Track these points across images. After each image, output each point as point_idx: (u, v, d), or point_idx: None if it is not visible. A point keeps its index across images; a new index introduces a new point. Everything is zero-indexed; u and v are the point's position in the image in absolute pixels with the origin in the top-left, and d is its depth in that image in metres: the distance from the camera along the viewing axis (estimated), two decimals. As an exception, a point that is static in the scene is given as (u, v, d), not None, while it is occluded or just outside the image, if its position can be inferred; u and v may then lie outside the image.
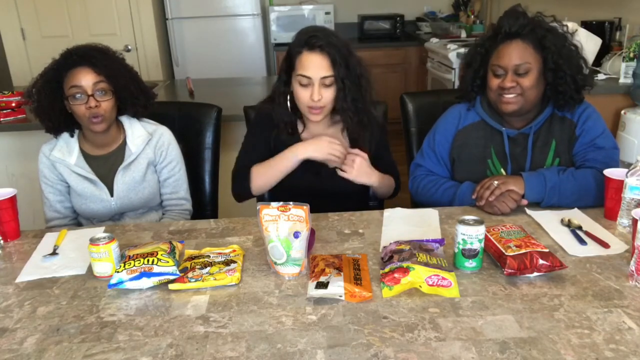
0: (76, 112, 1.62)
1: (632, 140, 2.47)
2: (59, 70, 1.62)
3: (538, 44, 1.53)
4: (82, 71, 1.61)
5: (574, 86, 1.55)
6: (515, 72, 1.53)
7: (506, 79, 1.54)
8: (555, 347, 0.96)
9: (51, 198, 1.73)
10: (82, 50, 1.64)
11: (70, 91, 1.60)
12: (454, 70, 3.95)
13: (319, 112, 1.63)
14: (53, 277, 1.28)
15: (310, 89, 1.59)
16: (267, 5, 5.03)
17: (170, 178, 1.79)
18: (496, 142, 1.65)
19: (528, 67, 1.53)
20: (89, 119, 1.61)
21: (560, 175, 1.52)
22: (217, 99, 2.32)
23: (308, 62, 1.57)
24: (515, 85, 1.53)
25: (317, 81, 1.57)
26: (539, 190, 1.50)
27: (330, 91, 1.60)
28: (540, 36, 1.53)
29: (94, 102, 1.60)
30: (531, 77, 1.53)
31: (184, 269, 1.23)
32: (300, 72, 1.58)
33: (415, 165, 1.79)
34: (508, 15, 1.57)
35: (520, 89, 1.54)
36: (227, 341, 1.01)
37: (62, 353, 1.00)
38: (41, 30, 4.49)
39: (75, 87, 1.60)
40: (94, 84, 1.61)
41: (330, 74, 1.58)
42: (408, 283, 1.14)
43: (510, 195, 1.49)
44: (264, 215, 1.22)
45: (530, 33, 1.53)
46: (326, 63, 1.57)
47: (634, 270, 1.14)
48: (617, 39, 3.06)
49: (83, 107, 1.60)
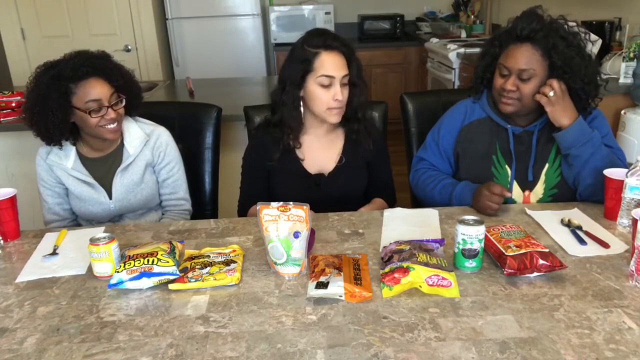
0: (89, 123, 1.58)
1: (632, 140, 2.47)
2: (66, 82, 1.55)
3: (547, 52, 1.52)
4: (97, 83, 1.57)
5: (584, 96, 1.56)
6: (518, 76, 1.54)
7: (508, 82, 1.55)
8: (555, 347, 0.96)
9: (50, 201, 1.72)
10: (90, 60, 1.59)
11: (87, 105, 1.56)
12: (454, 70, 3.95)
13: (339, 112, 1.63)
14: (53, 277, 1.27)
15: (331, 90, 1.59)
16: (267, 5, 5.03)
17: (169, 179, 1.79)
18: (501, 139, 1.66)
19: (532, 73, 1.53)
20: (102, 128, 1.59)
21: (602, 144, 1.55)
22: (217, 99, 2.32)
23: (329, 62, 1.58)
24: (515, 89, 1.54)
25: (338, 80, 1.59)
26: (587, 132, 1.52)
27: (346, 90, 1.62)
28: (552, 45, 1.51)
29: (113, 113, 1.59)
30: (533, 84, 1.53)
31: (184, 269, 1.23)
32: (323, 72, 1.58)
33: (418, 158, 1.80)
34: (524, 17, 1.56)
35: (519, 94, 1.55)
36: (227, 341, 1.01)
37: (62, 353, 1.00)
38: (41, 30, 4.49)
39: (94, 101, 1.56)
40: (111, 95, 1.59)
41: (347, 72, 1.60)
42: (408, 283, 1.14)
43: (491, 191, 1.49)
44: (264, 215, 1.22)
45: (542, 39, 1.51)
46: (344, 62, 1.60)
47: (634, 270, 1.14)
48: (617, 39, 3.06)
49: (99, 119, 1.58)
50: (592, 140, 1.52)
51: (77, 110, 1.57)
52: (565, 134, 1.53)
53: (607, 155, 1.53)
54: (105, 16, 4.48)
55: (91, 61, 1.58)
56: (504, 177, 1.65)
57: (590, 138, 1.52)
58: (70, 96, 1.56)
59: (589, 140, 1.52)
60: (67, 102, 1.56)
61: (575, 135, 1.52)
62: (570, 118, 1.52)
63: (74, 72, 1.55)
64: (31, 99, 1.58)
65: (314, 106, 1.63)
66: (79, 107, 1.57)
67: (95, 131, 1.61)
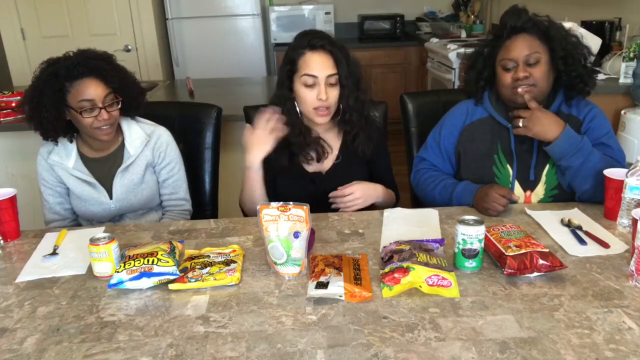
0: (82, 123, 1.58)
1: (632, 140, 2.47)
2: (62, 80, 1.55)
3: (543, 36, 1.55)
4: (91, 83, 1.56)
5: (584, 70, 1.57)
6: (526, 63, 1.55)
7: (519, 70, 1.55)
8: (555, 347, 0.96)
9: (50, 200, 1.72)
10: (87, 60, 1.58)
11: (80, 104, 1.55)
12: (454, 70, 3.95)
13: (326, 113, 1.62)
14: (53, 277, 1.27)
15: (316, 89, 1.58)
16: (267, 5, 5.03)
17: (170, 179, 1.79)
18: (503, 138, 1.66)
19: (538, 56, 1.54)
20: (97, 129, 1.59)
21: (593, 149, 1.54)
22: (217, 99, 2.32)
23: (312, 62, 1.57)
24: (528, 75, 1.54)
25: (323, 80, 1.57)
26: (574, 142, 1.51)
27: (335, 91, 1.60)
28: (544, 28, 1.55)
29: (106, 114, 1.58)
30: (542, 67, 1.55)
31: (184, 269, 1.23)
32: (306, 71, 1.57)
33: (419, 158, 1.80)
34: (510, 14, 1.59)
35: (533, 80, 1.55)
36: (227, 341, 1.01)
37: (62, 353, 1.00)
38: (41, 30, 4.49)
39: (86, 101, 1.55)
40: (105, 96, 1.58)
41: (334, 72, 1.58)
42: (408, 283, 1.14)
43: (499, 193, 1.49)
44: (264, 215, 1.22)
45: (533, 27, 1.56)
46: (330, 62, 1.58)
47: (634, 270, 1.14)
48: (617, 39, 3.05)
49: (91, 119, 1.58)
50: (582, 149, 1.51)
51: (71, 109, 1.58)
52: (553, 147, 1.52)
53: (600, 160, 1.52)
54: (105, 16, 4.48)
55: (88, 61, 1.58)
56: (506, 177, 1.65)
57: (579, 148, 1.51)
58: (65, 94, 1.56)
59: (578, 150, 1.51)
60: (62, 99, 1.56)
61: (563, 147, 1.51)
62: (554, 132, 1.52)
63: (68, 70, 1.55)
64: (28, 93, 1.59)
65: (301, 106, 1.64)
66: (72, 106, 1.57)
67: (89, 132, 1.61)
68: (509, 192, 1.50)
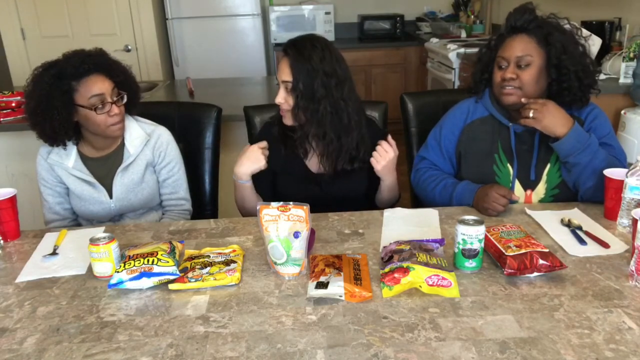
0: (95, 121, 1.58)
1: (632, 140, 2.47)
2: (68, 80, 1.55)
3: (542, 39, 1.55)
4: (98, 79, 1.57)
5: (578, 84, 1.56)
6: (516, 65, 1.55)
7: (507, 70, 1.56)
8: (555, 347, 0.96)
9: (50, 200, 1.72)
10: (90, 56, 1.59)
11: (90, 101, 1.56)
12: (454, 70, 3.95)
13: (284, 115, 1.64)
14: (53, 277, 1.27)
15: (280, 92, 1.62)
16: (267, 5, 5.03)
17: (170, 178, 1.79)
18: (503, 137, 1.66)
19: (529, 60, 1.54)
20: (109, 126, 1.60)
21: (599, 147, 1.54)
22: (217, 99, 2.32)
23: (279, 67, 1.61)
24: (515, 77, 1.55)
25: (281, 85, 1.60)
26: (583, 138, 1.50)
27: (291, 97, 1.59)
28: (546, 32, 1.55)
29: (117, 109, 1.59)
30: (531, 71, 1.54)
31: (184, 269, 1.23)
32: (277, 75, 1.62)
33: (419, 157, 1.80)
34: (515, 11, 1.60)
35: (519, 83, 1.55)
36: (227, 341, 1.01)
37: (62, 353, 1.00)
38: (41, 30, 4.49)
39: (96, 96, 1.56)
40: (112, 90, 1.60)
41: (289, 79, 1.57)
42: (408, 283, 1.14)
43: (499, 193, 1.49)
44: (264, 215, 1.22)
45: (536, 29, 1.55)
46: (287, 69, 1.58)
47: (634, 270, 1.14)
48: (617, 39, 3.05)
49: (104, 116, 1.58)
50: (590, 146, 1.51)
51: (81, 108, 1.57)
52: (562, 143, 1.51)
53: (605, 158, 1.53)
54: (105, 16, 4.48)
55: (91, 58, 1.59)
56: (506, 176, 1.65)
57: (588, 144, 1.51)
58: (72, 94, 1.56)
59: (587, 146, 1.51)
60: (70, 100, 1.56)
61: (572, 144, 1.51)
62: (565, 126, 1.50)
63: (75, 69, 1.55)
64: (34, 99, 1.56)
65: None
66: (82, 105, 1.57)
67: (101, 130, 1.61)
68: (509, 192, 1.50)
